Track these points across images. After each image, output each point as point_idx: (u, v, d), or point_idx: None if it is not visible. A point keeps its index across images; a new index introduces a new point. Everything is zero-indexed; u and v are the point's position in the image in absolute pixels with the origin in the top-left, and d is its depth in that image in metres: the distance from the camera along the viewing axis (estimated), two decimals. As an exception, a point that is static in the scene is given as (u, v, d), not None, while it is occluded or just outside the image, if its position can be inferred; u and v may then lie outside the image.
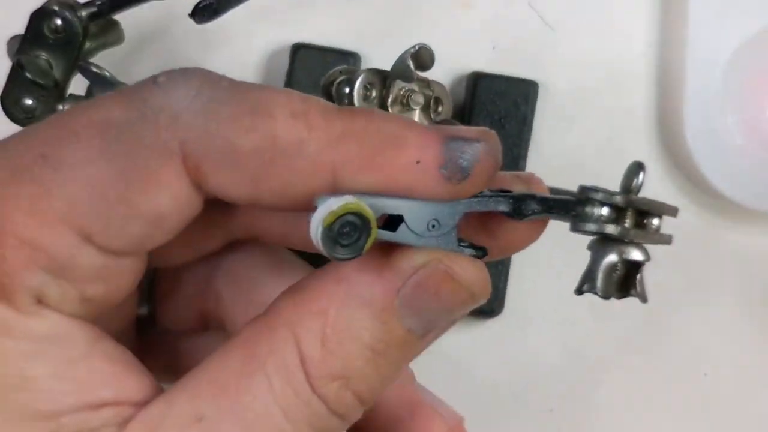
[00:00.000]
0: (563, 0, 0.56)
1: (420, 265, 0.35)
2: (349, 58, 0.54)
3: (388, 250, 0.35)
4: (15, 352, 0.33)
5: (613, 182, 0.53)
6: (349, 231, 0.33)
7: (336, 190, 0.34)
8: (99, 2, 0.42)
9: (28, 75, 0.42)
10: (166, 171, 0.33)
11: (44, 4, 0.42)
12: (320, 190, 0.34)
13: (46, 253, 0.32)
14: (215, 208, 0.35)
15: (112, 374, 0.34)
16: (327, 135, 0.33)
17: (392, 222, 0.36)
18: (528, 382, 0.57)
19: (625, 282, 0.40)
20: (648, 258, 0.39)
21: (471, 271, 0.35)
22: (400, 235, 0.35)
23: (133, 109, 0.32)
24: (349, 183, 0.34)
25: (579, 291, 0.38)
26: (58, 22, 0.42)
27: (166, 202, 0.33)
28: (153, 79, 0.33)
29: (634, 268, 0.39)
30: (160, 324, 0.41)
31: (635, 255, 0.39)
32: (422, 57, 0.43)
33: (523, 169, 0.55)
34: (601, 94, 0.56)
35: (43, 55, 0.42)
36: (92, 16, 0.42)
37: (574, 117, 0.57)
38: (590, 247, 0.40)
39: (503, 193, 0.37)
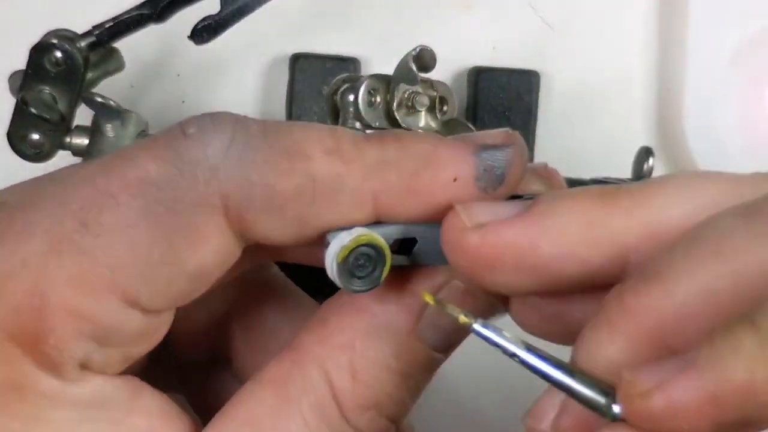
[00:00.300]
0: (563, 0, 0.56)
1: (439, 286, 0.35)
2: (349, 64, 0.54)
3: (404, 272, 0.35)
4: (63, 422, 0.32)
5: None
6: (363, 263, 0.33)
7: (378, 220, 0.34)
8: (97, 32, 0.42)
9: (33, 110, 0.42)
10: (209, 227, 0.32)
11: (43, 37, 0.42)
12: (363, 222, 0.34)
13: (93, 323, 0.32)
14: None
15: (150, 430, 0.34)
16: (363, 166, 0.33)
17: (405, 246, 0.36)
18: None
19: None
20: None
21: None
22: (416, 257, 0.36)
23: (169, 165, 0.32)
24: (391, 211, 0.34)
25: None
26: (59, 54, 0.42)
27: (210, 257, 0.33)
28: (182, 130, 0.33)
29: None
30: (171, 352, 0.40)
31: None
32: (424, 58, 0.43)
33: (530, 160, 0.54)
34: (601, 94, 0.56)
35: (47, 90, 0.42)
36: (92, 46, 0.42)
37: (574, 117, 0.57)
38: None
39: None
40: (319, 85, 0.53)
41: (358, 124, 0.43)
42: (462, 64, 0.56)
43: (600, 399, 0.29)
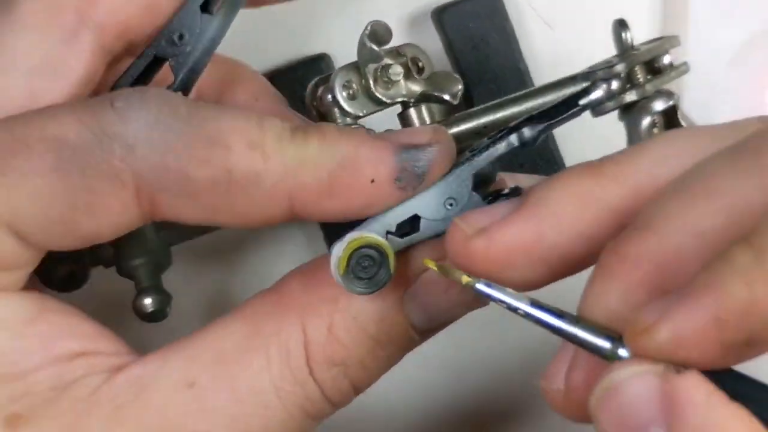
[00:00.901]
0: (563, 0, 0.56)
1: (440, 255, 0.35)
2: (319, 62, 0.54)
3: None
4: None
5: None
6: (367, 265, 0.34)
7: (294, 217, 0.35)
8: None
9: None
10: (113, 200, 0.33)
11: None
12: (278, 216, 0.35)
13: None
14: None
15: (70, 325, 0.35)
16: (282, 165, 0.34)
17: (411, 225, 0.36)
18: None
19: (671, 125, 0.40)
20: (674, 96, 0.38)
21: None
22: (425, 230, 0.36)
23: (89, 132, 0.33)
24: (308, 210, 0.34)
25: None
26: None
27: (106, 227, 0.34)
28: (110, 101, 0.34)
29: (672, 113, 0.39)
30: None
31: (661, 104, 0.38)
32: (378, 33, 0.42)
33: (528, 75, 0.54)
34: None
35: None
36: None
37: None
38: (621, 119, 0.39)
39: (499, 133, 0.37)
40: (301, 92, 0.53)
41: (348, 119, 0.43)
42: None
43: (605, 344, 0.29)
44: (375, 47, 0.42)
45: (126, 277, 0.43)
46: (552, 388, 0.31)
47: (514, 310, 0.31)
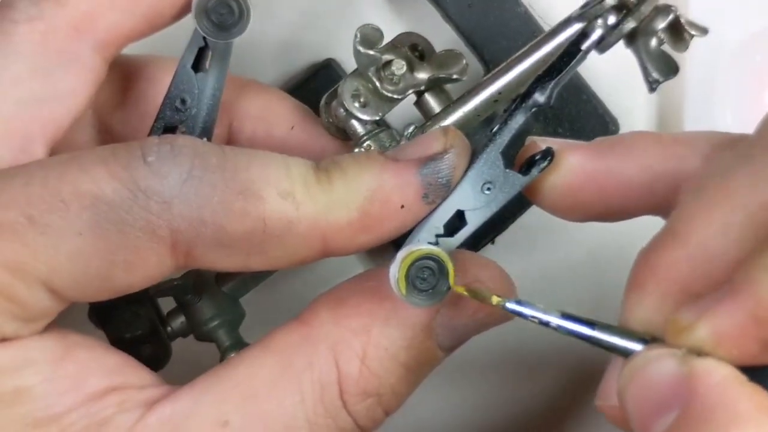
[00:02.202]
0: (563, 0, 0.54)
1: (452, 284, 0.35)
2: (327, 68, 0.54)
3: None
4: (3, 373, 0.34)
5: None
6: (426, 276, 0.34)
7: (329, 254, 0.35)
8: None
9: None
10: (151, 256, 0.34)
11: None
12: (311, 257, 0.35)
13: (22, 307, 0.34)
14: None
15: (95, 359, 0.36)
16: (314, 210, 0.34)
17: (457, 222, 0.36)
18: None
19: (679, 38, 0.39)
20: (673, 7, 0.38)
21: (506, 291, 0.36)
22: (472, 221, 0.36)
23: (125, 189, 0.33)
24: (344, 247, 0.35)
25: (650, 88, 0.37)
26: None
27: (141, 280, 0.35)
28: (142, 155, 0.34)
29: (676, 25, 0.38)
30: None
31: (662, 20, 0.37)
32: (368, 37, 0.42)
33: (530, 17, 0.53)
34: (600, 94, 0.55)
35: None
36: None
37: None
38: (628, 48, 0.39)
39: (513, 104, 0.36)
40: (315, 104, 0.53)
41: (368, 126, 0.43)
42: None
43: (638, 347, 0.30)
44: (370, 51, 0.42)
45: (206, 341, 0.44)
46: (608, 404, 0.32)
47: (546, 324, 0.31)
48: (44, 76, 0.37)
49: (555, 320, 0.31)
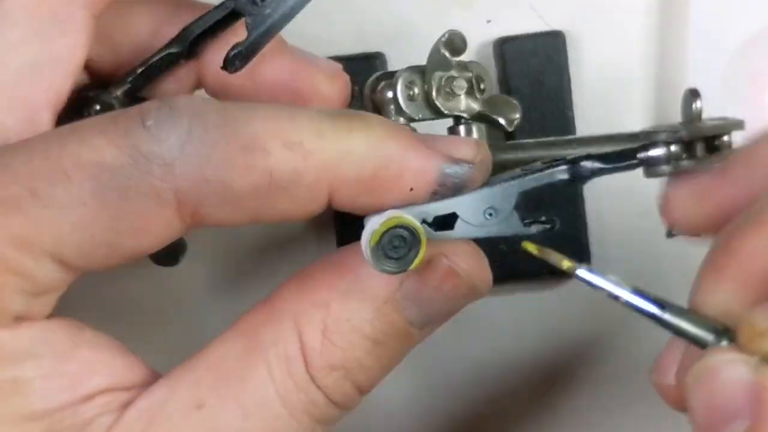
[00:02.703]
0: (564, 0, 0.56)
1: (422, 258, 0.35)
2: (374, 60, 0.54)
3: None
4: (3, 362, 0.34)
5: (607, 179, 0.52)
6: (398, 245, 0.34)
7: (330, 207, 0.35)
8: (131, 78, 0.42)
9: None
10: (157, 219, 0.33)
11: (80, 92, 0.42)
12: (318, 209, 0.35)
13: (32, 281, 0.33)
14: None
15: (100, 362, 0.35)
16: (324, 159, 0.34)
17: (447, 220, 0.36)
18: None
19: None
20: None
21: (474, 265, 0.36)
22: (459, 231, 0.36)
23: (126, 155, 0.33)
24: (343, 203, 0.35)
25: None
26: (97, 107, 0.42)
27: (150, 243, 0.34)
28: (141, 120, 0.33)
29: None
30: None
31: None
32: (454, 42, 0.42)
33: (572, 120, 0.54)
34: (600, 94, 0.56)
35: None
36: (128, 93, 0.42)
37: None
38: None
39: (558, 161, 0.37)
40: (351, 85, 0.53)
41: (402, 119, 0.43)
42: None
43: (708, 336, 0.29)
44: (448, 55, 0.42)
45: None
46: (665, 383, 0.31)
47: (615, 298, 0.30)
48: (41, 41, 0.37)
49: (625, 295, 0.30)
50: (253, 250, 0.55)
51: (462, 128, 0.45)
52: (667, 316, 0.30)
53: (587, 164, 0.37)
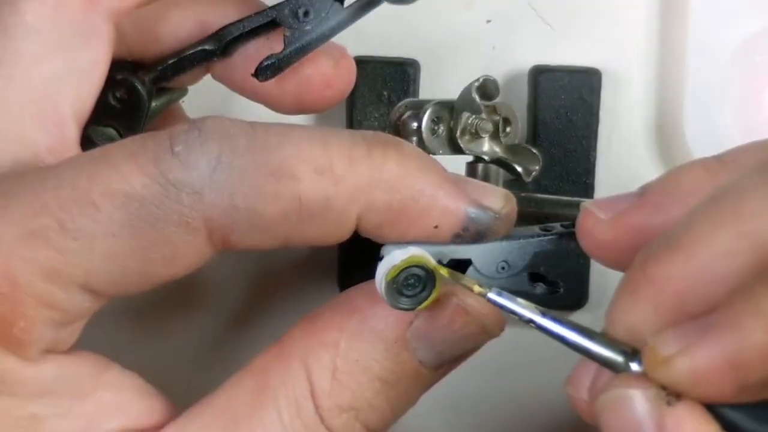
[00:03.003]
0: (564, 0, 0.55)
1: (434, 298, 0.35)
2: (407, 66, 0.54)
3: None
4: (24, 397, 0.34)
5: (611, 182, 0.54)
6: (413, 282, 0.34)
7: (358, 231, 0.35)
8: (161, 67, 0.42)
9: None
10: (188, 248, 0.33)
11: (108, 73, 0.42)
12: (347, 234, 0.35)
13: (62, 312, 0.33)
14: None
15: (118, 403, 0.35)
16: (354, 184, 0.33)
17: (460, 265, 0.36)
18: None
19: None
20: None
21: (484, 305, 0.35)
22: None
23: (155, 183, 0.32)
24: (367, 230, 0.35)
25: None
26: (124, 90, 0.42)
27: (181, 270, 0.34)
28: (170, 145, 0.33)
29: None
30: None
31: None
32: (487, 88, 0.42)
33: (594, 165, 0.54)
34: (600, 94, 0.55)
35: (112, 125, 0.42)
36: (155, 81, 0.42)
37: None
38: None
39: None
40: (379, 90, 0.53)
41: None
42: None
43: (617, 358, 0.30)
44: (478, 100, 0.42)
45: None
46: (578, 396, 0.32)
47: (527, 321, 0.31)
48: (64, 52, 0.36)
49: (536, 318, 0.30)
50: (255, 289, 0.56)
51: (480, 167, 0.45)
52: (577, 338, 0.30)
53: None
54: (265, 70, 0.40)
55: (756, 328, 0.26)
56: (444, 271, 0.34)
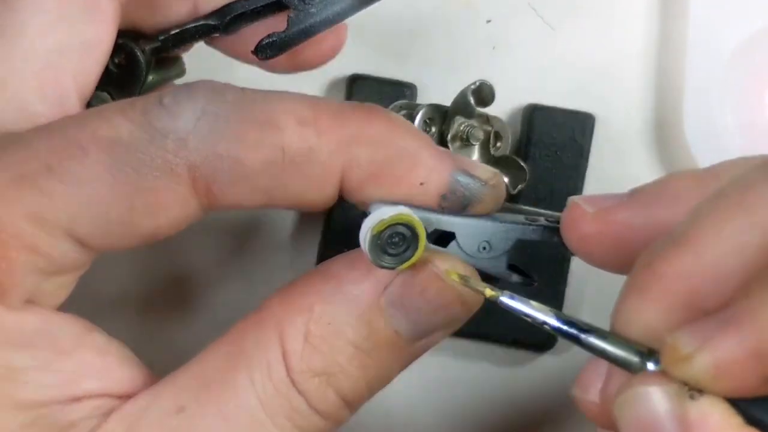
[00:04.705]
0: (564, 0, 0.56)
1: (416, 259, 0.34)
2: (405, 89, 0.54)
3: None
4: (4, 345, 0.33)
5: (609, 180, 0.55)
6: (397, 241, 0.34)
7: (342, 194, 0.34)
8: (162, 38, 0.42)
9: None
10: (171, 196, 0.33)
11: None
12: (329, 196, 0.34)
13: (46, 258, 0.33)
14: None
15: (100, 366, 0.35)
16: (338, 137, 0.34)
17: (443, 238, 0.36)
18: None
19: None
20: None
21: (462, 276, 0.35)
22: (450, 251, 0.35)
23: (141, 130, 0.33)
24: (351, 191, 0.34)
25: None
26: (122, 56, 0.42)
27: (165, 224, 0.34)
28: (159, 99, 0.34)
29: None
30: None
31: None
32: (483, 93, 0.43)
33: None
34: (600, 94, 0.56)
35: (107, 90, 0.42)
36: (155, 51, 0.42)
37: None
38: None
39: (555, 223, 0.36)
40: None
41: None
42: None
43: (633, 358, 0.29)
44: (473, 103, 0.42)
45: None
46: (587, 399, 0.31)
47: (540, 323, 0.30)
48: (69, 27, 0.37)
49: (550, 320, 0.30)
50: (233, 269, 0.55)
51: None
52: (592, 339, 0.30)
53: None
54: (266, 48, 0.41)
55: None
56: (455, 276, 0.34)
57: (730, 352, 0.27)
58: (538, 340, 0.54)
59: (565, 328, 0.30)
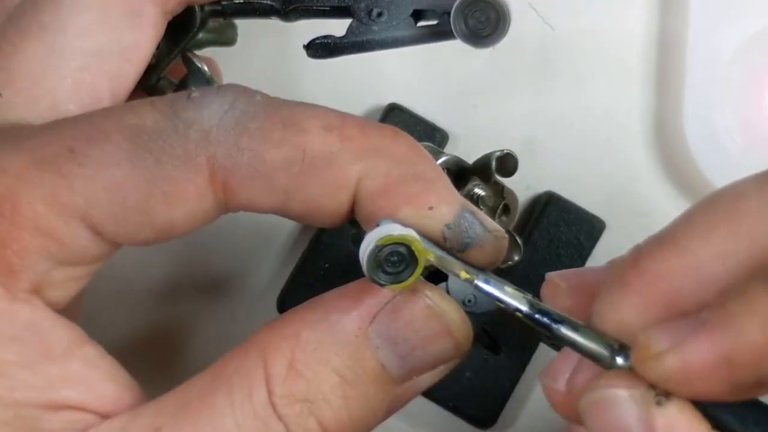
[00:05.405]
0: (564, 0, 0.56)
1: (410, 283, 0.34)
2: (436, 133, 0.54)
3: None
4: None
5: (608, 180, 0.55)
6: (396, 261, 0.33)
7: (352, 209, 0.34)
8: (225, 3, 0.42)
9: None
10: (189, 186, 0.33)
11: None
12: (345, 208, 0.34)
13: (58, 244, 0.33)
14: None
15: (85, 378, 0.34)
16: (360, 147, 0.34)
17: (436, 276, 0.35)
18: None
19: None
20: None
21: (452, 310, 0.35)
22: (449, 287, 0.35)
23: (166, 119, 0.33)
24: (365, 201, 0.34)
25: None
26: (178, 6, 0.42)
27: (182, 217, 0.34)
28: (188, 94, 0.34)
29: None
30: None
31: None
32: (507, 163, 0.43)
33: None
34: (600, 94, 0.56)
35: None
36: (213, 13, 0.42)
37: (573, 117, 0.56)
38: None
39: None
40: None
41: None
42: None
43: (603, 352, 0.29)
44: (493, 168, 0.42)
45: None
46: (554, 387, 0.31)
47: (514, 311, 0.30)
48: (110, 30, 0.37)
49: (523, 308, 0.30)
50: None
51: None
52: (563, 330, 0.30)
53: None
54: (317, 48, 0.41)
55: (750, 326, 0.27)
56: (431, 256, 0.33)
57: (700, 355, 0.27)
58: (478, 415, 0.53)
59: (537, 316, 0.30)
